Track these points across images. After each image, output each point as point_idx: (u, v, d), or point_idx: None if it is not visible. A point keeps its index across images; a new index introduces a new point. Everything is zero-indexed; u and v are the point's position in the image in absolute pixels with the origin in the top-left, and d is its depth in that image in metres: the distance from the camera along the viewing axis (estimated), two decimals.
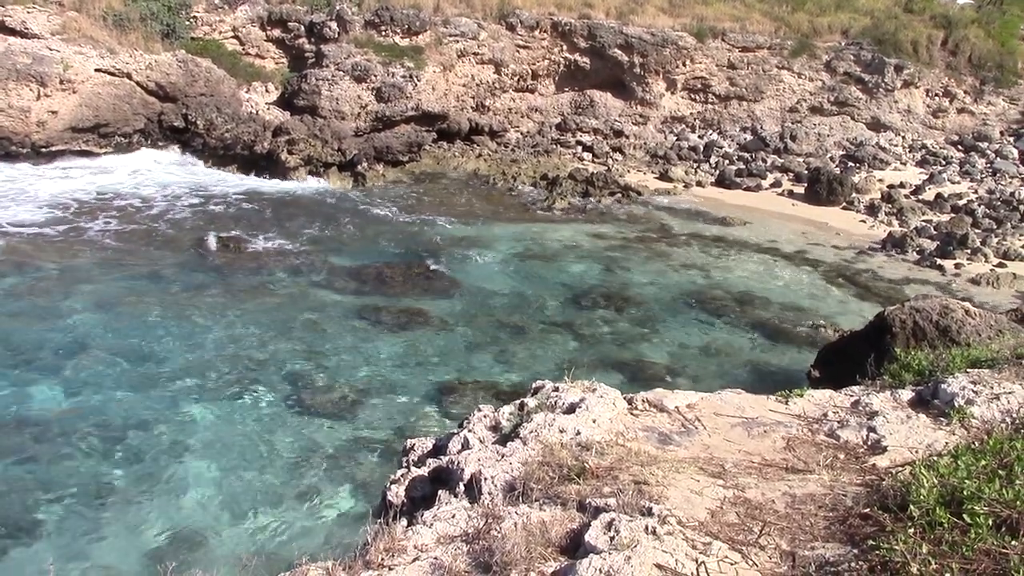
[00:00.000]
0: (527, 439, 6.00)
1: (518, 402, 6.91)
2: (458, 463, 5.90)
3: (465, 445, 6.36)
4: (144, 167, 31.60)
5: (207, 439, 16.08)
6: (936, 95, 40.78)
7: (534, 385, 7.29)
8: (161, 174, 31.30)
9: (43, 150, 30.60)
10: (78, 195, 28.50)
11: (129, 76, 31.99)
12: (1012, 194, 33.69)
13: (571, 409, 6.50)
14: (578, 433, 6.06)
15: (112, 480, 14.79)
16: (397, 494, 6.17)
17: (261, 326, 20.71)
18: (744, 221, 31.11)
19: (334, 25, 35.83)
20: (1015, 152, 38.27)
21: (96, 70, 31.31)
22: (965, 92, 40.96)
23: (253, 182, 31.70)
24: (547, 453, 5.70)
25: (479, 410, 6.96)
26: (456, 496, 5.64)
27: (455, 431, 6.79)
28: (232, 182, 31.41)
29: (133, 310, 21.00)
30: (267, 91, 35.93)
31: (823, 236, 30.03)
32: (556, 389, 6.98)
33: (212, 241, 25.51)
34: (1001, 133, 40.32)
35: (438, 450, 6.70)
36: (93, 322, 20.29)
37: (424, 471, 6.30)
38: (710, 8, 41.02)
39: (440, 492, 5.81)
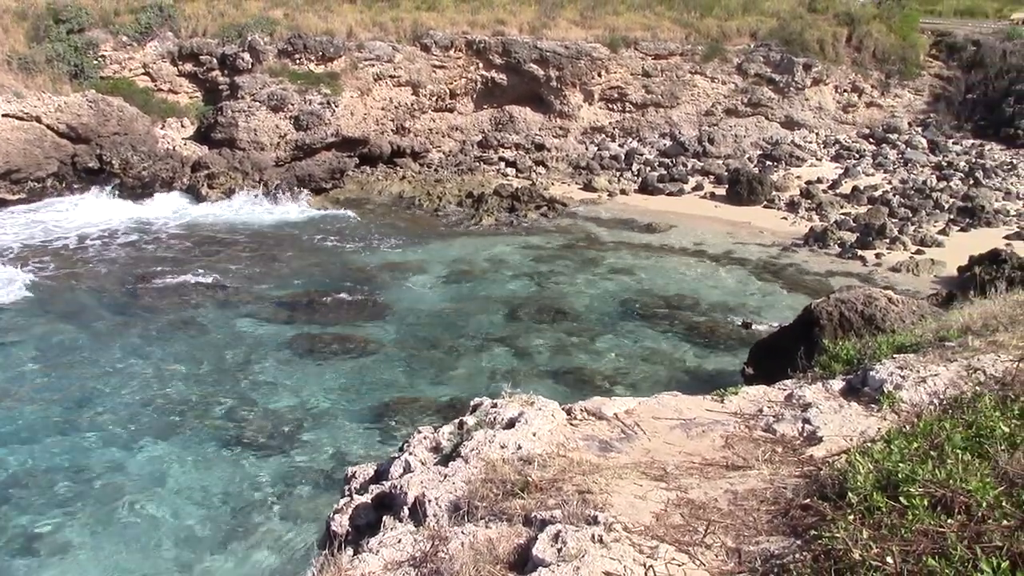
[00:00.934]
0: (469, 457, 5.97)
1: (457, 421, 6.88)
2: (401, 487, 5.84)
3: (407, 468, 6.31)
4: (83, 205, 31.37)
5: (143, 482, 15.72)
6: (845, 91, 41.83)
7: (472, 403, 7.25)
8: (94, 210, 31.01)
9: None
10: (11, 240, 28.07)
11: (38, 119, 31.27)
12: (924, 182, 34.66)
13: (511, 424, 6.48)
14: (519, 447, 6.04)
15: (46, 530, 14.37)
16: (341, 523, 6.09)
17: (193, 362, 20.36)
18: (670, 226, 31.48)
19: (247, 56, 35.44)
20: (924, 142, 39.41)
21: (3, 115, 30.53)
22: (872, 86, 42.10)
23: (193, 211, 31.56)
24: (489, 470, 5.68)
25: (419, 432, 6.91)
26: (401, 520, 5.59)
27: (396, 455, 6.73)
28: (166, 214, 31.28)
29: (64, 354, 20.49)
30: (183, 126, 35.40)
31: (747, 235, 30.53)
32: (495, 405, 6.96)
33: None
34: (909, 124, 41.50)
35: (380, 475, 6.63)
36: (20, 367, 19.76)
37: (367, 498, 6.22)
38: (621, 18, 41.53)
39: (385, 518, 5.75)
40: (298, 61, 36.05)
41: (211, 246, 28.53)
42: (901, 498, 4.36)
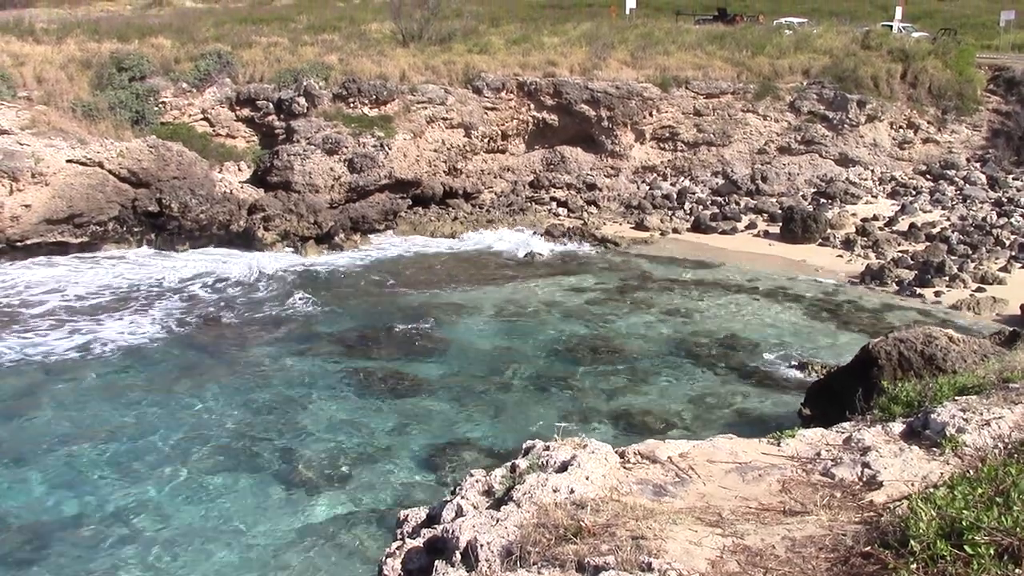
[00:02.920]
0: (521, 501, 5.92)
1: (510, 464, 6.83)
2: (453, 531, 5.81)
3: (459, 512, 6.27)
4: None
5: (197, 521, 15.84)
6: (900, 127, 41.36)
7: (525, 445, 7.20)
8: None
9: (17, 244, 30.52)
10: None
11: (101, 165, 32.03)
12: (984, 219, 34.05)
13: (563, 467, 6.42)
14: (572, 491, 5.98)
15: (98, 566, 14.50)
16: (393, 567, 6.06)
17: (248, 400, 20.57)
18: (723, 264, 31.28)
19: (302, 101, 36.12)
20: (983, 177, 38.75)
21: (68, 161, 31.36)
22: (928, 122, 41.57)
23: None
24: (542, 514, 5.62)
25: (471, 475, 6.87)
26: (453, 565, 5.54)
27: (448, 498, 6.69)
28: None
29: (120, 391, 20.84)
30: (239, 170, 36.06)
31: (802, 274, 30.20)
32: (547, 448, 6.90)
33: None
34: (967, 160, 40.84)
35: (432, 519, 6.60)
36: (77, 405, 20.11)
37: (419, 542, 6.19)
38: (672, 58, 41.61)
39: (437, 562, 5.70)
40: (352, 105, 36.63)
41: (271, 284, 28.92)
42: (966, 546, 4.23)
